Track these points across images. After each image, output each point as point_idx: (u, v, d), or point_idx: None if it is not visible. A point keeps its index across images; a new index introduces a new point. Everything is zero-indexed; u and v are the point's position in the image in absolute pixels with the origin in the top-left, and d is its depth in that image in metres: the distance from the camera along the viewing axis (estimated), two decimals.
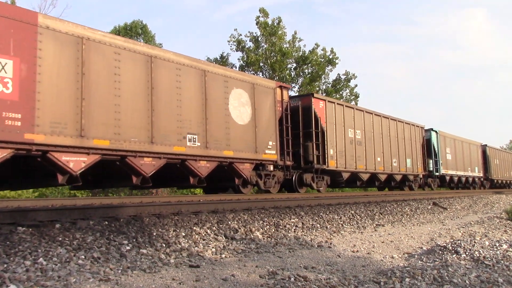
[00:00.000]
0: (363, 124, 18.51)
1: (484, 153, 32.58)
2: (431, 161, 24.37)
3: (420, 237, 8.06)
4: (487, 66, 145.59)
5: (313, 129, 15.40)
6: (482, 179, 32.06)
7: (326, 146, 15.80)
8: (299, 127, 15.37)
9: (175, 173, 11.25)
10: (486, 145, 33.03)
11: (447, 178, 25.98)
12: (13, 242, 4.54)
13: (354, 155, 17.52)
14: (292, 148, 14.48)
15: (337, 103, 17.15)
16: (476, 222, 10.74)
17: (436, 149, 24.71)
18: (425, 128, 24.50)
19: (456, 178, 27.24)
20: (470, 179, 29.82)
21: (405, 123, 22.18)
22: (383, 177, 19.80)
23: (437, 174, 24.64)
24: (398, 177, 21.06)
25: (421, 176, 23.30)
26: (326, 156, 15.73)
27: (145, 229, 5.83)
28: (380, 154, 19.45)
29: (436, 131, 25.12)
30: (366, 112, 19.00)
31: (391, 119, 20.89)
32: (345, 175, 16.98)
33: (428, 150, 24.33)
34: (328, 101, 16.68)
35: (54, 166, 8.54)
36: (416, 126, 23.45)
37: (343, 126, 17.08)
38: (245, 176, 12.36)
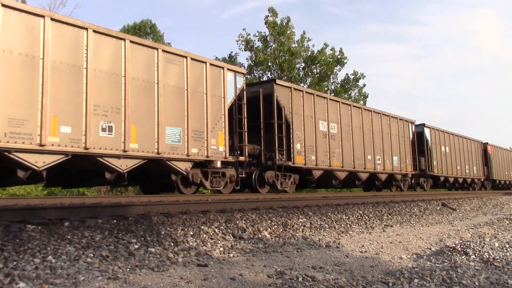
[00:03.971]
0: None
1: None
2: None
3: (429, 238, 8.01)
4: (496, 66, 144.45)
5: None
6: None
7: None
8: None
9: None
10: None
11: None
12: (23, 240, 4.56)
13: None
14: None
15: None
16: (486, 223, 10.65)
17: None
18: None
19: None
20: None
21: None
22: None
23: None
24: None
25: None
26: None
27: (153, 228, 5.85)
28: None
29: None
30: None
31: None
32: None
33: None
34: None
35: None
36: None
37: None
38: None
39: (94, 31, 9.42)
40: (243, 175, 12.69)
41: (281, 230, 7.31)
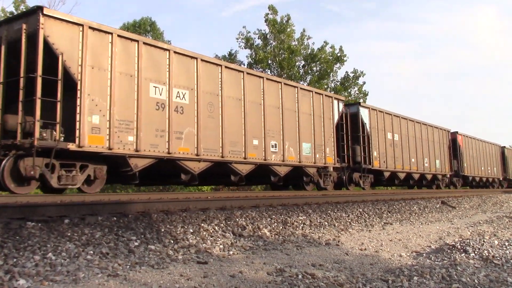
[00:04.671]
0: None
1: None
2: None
3: (428, 235, 8.02)
4: (497, 64, 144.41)
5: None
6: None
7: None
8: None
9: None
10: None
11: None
12: (23, 237, 4.57)
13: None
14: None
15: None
16: (485, 221, 10.67)
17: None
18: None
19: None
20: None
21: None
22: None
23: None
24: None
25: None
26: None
27: (153, 225, 5.85)
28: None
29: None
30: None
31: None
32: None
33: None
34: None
35: None
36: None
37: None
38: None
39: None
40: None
41: (281, 227, 7.31)
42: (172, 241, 5.44)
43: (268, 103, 13.68)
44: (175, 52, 11.06)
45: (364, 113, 18.91)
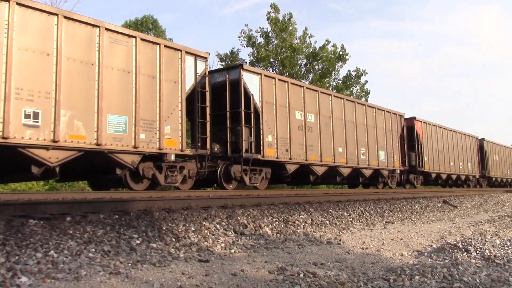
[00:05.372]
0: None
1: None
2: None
3: (430, 235, 8.02)
4: (500, 63, 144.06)
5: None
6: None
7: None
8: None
9: None
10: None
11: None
12: (25, 234, 4.58)
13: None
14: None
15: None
16: (487, 221, 10.66)
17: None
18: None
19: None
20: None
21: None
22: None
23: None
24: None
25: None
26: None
27: (155, 224, 5.86)
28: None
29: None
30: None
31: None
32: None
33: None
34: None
35: None
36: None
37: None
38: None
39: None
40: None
41: (283, 226, 7.32)
42: (173, 239, 5.45)
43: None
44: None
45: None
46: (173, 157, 10.51)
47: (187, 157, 11.25)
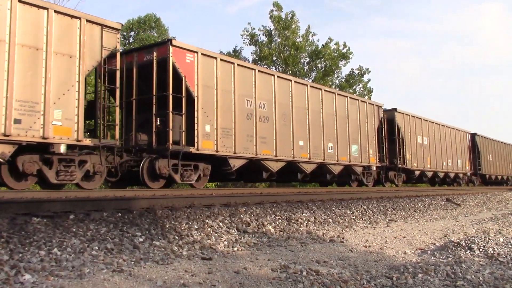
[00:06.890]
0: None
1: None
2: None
3: (433, 233, 8.00)
4: (502, 63, 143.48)
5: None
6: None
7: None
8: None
9: None
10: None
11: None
12: (28, 232, 4.59)
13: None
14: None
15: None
16: (490, 219, 10.63)
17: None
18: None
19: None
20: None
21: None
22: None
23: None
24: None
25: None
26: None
27: (158, 222, 5.86)
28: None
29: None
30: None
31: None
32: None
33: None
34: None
35: None
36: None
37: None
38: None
39: None
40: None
41: (285, 224, 7.32)
42: (176, 237, 5.45)
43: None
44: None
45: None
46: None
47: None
